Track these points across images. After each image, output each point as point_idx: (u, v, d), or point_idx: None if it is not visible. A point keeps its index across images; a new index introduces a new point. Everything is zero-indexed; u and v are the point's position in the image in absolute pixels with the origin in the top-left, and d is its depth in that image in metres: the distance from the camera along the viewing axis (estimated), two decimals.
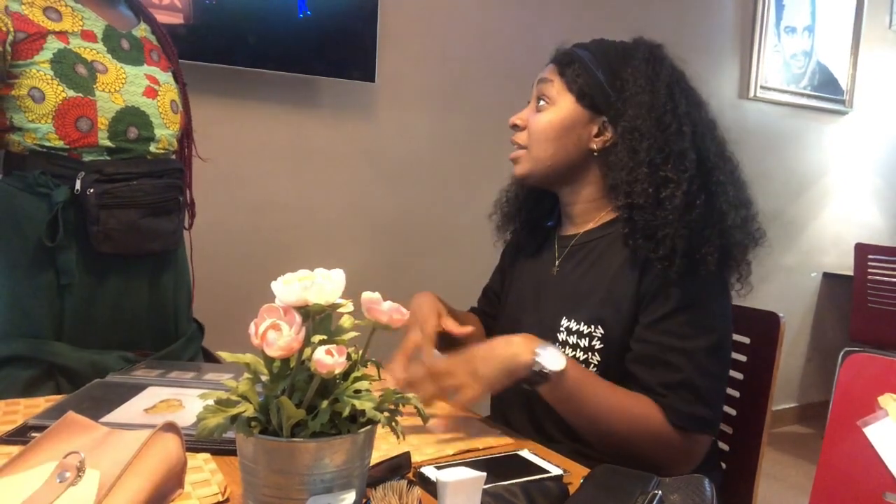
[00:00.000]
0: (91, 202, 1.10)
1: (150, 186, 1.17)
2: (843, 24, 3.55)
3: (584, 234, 1.16)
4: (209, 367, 1.18)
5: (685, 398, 1.00)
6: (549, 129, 1.11)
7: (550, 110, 1.12)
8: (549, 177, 1.15)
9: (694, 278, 1.01)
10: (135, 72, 1.19)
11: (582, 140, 1.11)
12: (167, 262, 1.26)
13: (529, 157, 1.14)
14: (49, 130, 1.09)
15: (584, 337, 1.08)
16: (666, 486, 0.76)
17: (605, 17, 2.85)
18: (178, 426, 0.71)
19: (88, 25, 1.15)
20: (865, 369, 1.06)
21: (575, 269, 1.15)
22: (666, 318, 1.02)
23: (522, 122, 1.15)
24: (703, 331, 1.02)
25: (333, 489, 0.62)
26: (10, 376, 1.11)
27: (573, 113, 1.11)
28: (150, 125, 1.20)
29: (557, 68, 1.13)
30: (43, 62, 1.09)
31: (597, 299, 1.08)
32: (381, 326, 0.66)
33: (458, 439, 0.98)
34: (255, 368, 0.64)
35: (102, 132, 1.13)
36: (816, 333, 3.72)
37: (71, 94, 1.10)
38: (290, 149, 2.27)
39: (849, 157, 3.71)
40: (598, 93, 1.09)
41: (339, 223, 2.39)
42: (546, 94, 1.13)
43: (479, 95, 2.61)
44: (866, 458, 1.01)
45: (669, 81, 1.08)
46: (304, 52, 2.15)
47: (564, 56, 1.14)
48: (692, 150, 1.04)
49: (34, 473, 0.65)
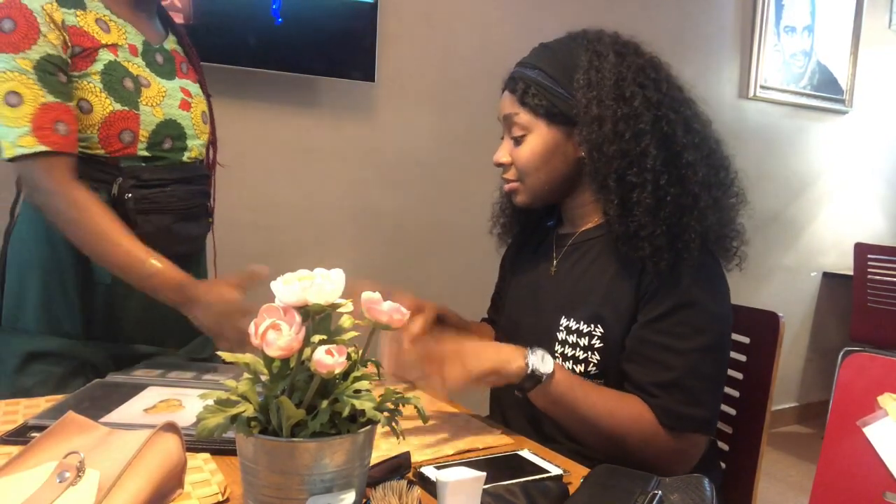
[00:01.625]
0: (129, 206, 1.13)
1: (182, 192, 1.21)
2: (843, 24, 3.55)
3: (582, 233, 1.16)
4: (209, 368, 1.18)
5: (677, 398, 1.00)
6: (534, 159, 1.11)
7: (528, 141, 1.11)
8: (550, 197, 1.16)
9: (692, 277, 1.02)
10: (171, 85, 1.22)
11: (568, 155, 1.11)
12: (191, 265, 1.28)
13: (525, 188, 1.14)
14: (94, 140, 1.12)
15: (583, 336, 1.08)
16: (666, 485, 0.76)
17: (605, 17, 2.84)
18: (177, 426, 0.71)
19: (131, 40, 1.18)
20: (865, 369, 1.06)
21: (573, 268, 1.15)
22: (661, 317, 1.02)
23: (507, 160, 1.15)
24: (697, 331, 1.02)
25: (333, 489, 0.62)
26: (44, 371, 1.15)
27: (550, 136, 1.10)
28: (184, 136, 1.23)
29: (517, 98, 1.12)
30: (94, 73, 1.11)
31: (596, 298, 1.08)
32: (381, 326, 0.66)
33: (457, 439, 0.98)
34: (254, 368, 0.64)
35: (142, 143, 1.16)
36: (816, 333, 3.72)
37: (118, 108, 1.13)
38: (290, 148, 2.27)
39: (848, 157, 3.71)
40: (563, 107, 1.09)
41: (338, 223, 2.39)
42: (516, 128, 1.13)
43: (479, 95, 2.61)
44: (866, 458, 1.01)
45: (617, 75, 1.06)
46: (303, 52, 2.15)
47: (517, 83, 1.12)
48: (654, 141, 1.03)
49: (34, 473, 0.65)
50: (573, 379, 1.02)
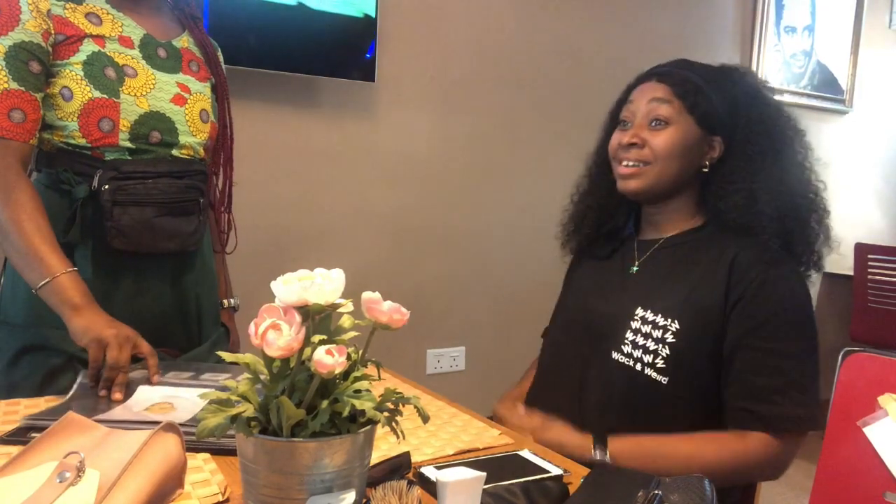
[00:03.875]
0: (105, 198, 1.12)
1: (167, 185, 1.18)
2: (843, 24, 3.55)
3: (668, 238, 1.21)
4: (206, 367, 1.17)
5: (794, 400, 1.05)
6: (674, 148, 1.15)
7: (672, 130, 1.15)
8: (665, 191, 1.19)
9: (785, 280, 1.09)
10: (166, 79, 1.21)
11: (698, 158, 1.17)
12: (187, 264, 1.27)
13: (654, 172, 1.17)
14: (74, 129, 1.12)
15: (658, 328, 1.10)
16: (666, 486, 0.76)
17: (606, 18, 2.85)
18: (177, 426, 0.71)
19: (127, 32, 1.18)
20: (865, 369, 1.06)
21: (656, 269, 1.19)
22: (764, 323, 1.07)
23: (641, 141, 1.17)
24: (800, 332, 1.08)
25: (333, 489, 0.62)
26: (32, 363, 1.14)
27: (694, 133, 1.16)
28: (175, 131, 1.22)
29: (672, 89, 1.16)
30: (76, 63, 1.12)
31: (678, 295, 1.11)
32: (381, 326, 0.66)
33: (457, 439, 0.98)
34: (254, 368, 0.64)
35: (123, 133, 1.15)
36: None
37: (97, 95, 1.12)
38: (290, 148, 2.27)
39: (849, 157, 3.70)
40: (716, 114, 1.15)
41: (338, 223, 2.39)
42: (662, 114, 1.16)
43: (479, 95, 2.61)
44: (866, 458, 1.01)
45: (775, 116, 1.19)
46: (303, 52, 2.15)
47: (676, 78, 1.17)
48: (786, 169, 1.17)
49: (34, 473, 0.64)
50: (640, 441, 1.08)
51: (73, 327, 1.05)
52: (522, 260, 2.69)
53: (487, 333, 2.69)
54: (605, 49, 2.85)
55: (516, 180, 2.70)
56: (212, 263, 1.37)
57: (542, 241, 2.40)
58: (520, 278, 2.68)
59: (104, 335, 1.03)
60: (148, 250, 1.17)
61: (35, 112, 1.10)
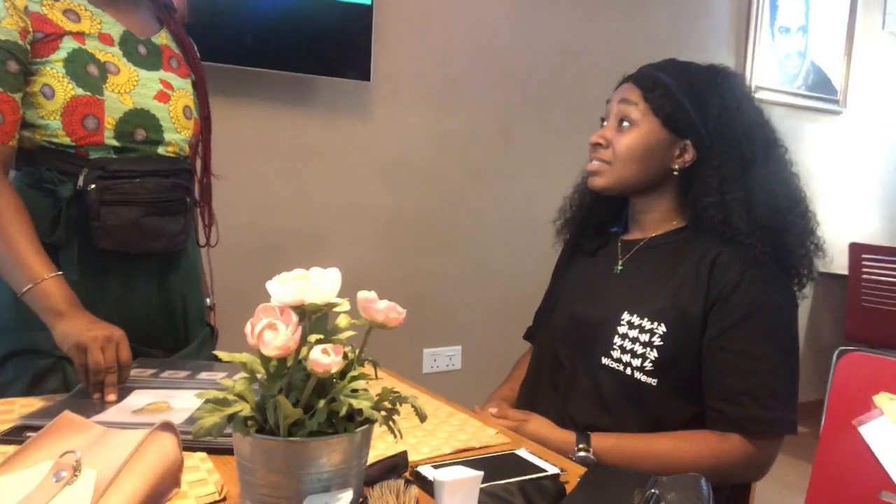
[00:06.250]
0: (92, 198, 1.11)
1: (154, 185, 1.17)
2: (837, 25, 3.56)
3: (651, 238, 1.21)
4: (203, 367, 1.17)
5: (763, 403, 1.04)
6: (635, 150, 1.16)
7: (635, 132, 1.16)
8: (627, 191, 1.20)
9: (763, 284, 1.07)
10: (149, 76, 1.20)
11: (664, 160, 1.17)
12: (174, 264, 1.26)
13: (613, 172, 1.18)
14: (57, 127, 1.11)
15: (644, 332, 1.10)
16: (663, 485, 0.76)
17: (602, 17, 2.86)
18: (174, 425, 0.71)
19: (106, 29, 1.17)
20: (860, 368, 1.07)
21: (639, 269, 1.19)
22: (736, 324, 1.07)
23: (605, 141, 1.18)
24: (773, 335, 1.07)
25: (330, 488, 0.62)
26: (20, 366, 1.13)
27: (658, 136, 1.15)
28: (160, 128, 1.20)
29: (641, 92, 1.17)
30: (57, 61, 1.10)
31: (662, 299, 1.11)
32: (378, 325, 0.66)
33: (454, 438, 0.98)
34: (251, 367, 0.63)
35: (108, 131, 1.14)
36: (811, 333, 3.73)
37: (80, 93, 1.11)
38: (286, 147, 2.27)
39: (842, 157, 3.72)
40: (683, 118, 1.14)
41: (335, 222, 2.39)
42: (629, 115, 1.16)
43: (475, 94, 2.62)
44: (862, 457, 1.01)
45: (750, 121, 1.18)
46: (299, 51, 2.15)
47: (648, 80, 1.17)
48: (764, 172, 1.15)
49: (30, 473, 0.64)
50: (622, 438, 1.09)
51: (55, 334, 1.04)
52: (518, 259, 2.69)
53: (483, 333, 2.69)
54: (601, 48, 2.86)
55: (512, 179, 2.70)
56: (196, 262, 1.35)
57: (538, 240, 2.40)
58: (516, 277, 2.68)
59: (82, 339, 1.01)
60: (135, 251, 1.16)
61: (14, 113, 1.08)
